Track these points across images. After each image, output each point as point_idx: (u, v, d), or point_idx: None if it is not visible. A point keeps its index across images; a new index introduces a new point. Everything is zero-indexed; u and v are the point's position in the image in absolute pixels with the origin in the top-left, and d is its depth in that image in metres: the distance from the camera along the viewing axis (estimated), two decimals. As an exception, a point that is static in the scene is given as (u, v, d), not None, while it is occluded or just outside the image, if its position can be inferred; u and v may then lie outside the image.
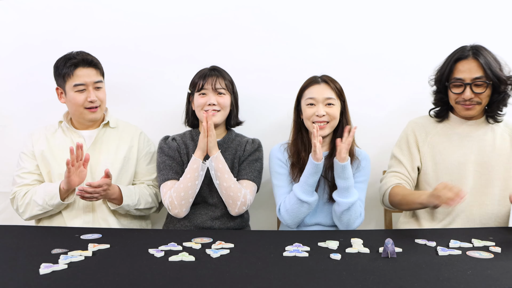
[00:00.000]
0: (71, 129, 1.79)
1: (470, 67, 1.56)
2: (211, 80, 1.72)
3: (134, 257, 1.20)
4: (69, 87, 1.71)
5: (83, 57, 1.72)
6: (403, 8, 2.02)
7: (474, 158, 1.62)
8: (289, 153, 1.70)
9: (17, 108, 2.11)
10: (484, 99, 1.58)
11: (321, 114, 1.62)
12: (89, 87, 1.72)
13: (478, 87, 1.56)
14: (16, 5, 2.11)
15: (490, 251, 1.23)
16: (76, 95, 1.71)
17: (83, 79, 1.71)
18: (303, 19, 2.04)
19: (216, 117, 1.71)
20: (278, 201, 1.65)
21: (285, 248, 1.26)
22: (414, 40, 2.01)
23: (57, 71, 1.74)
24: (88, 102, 1.72)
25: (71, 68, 1.70)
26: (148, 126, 1.96)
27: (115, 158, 1.78)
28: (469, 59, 1.57)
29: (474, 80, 1.56)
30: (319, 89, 1.66)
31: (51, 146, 1.78)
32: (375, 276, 1.05)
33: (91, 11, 2.09)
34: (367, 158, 1.71)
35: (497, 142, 1.63)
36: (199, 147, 1.63)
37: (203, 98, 1.72)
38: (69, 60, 1.71)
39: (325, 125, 1.63)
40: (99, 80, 1.76)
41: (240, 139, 1.82)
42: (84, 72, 1.71)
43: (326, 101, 1.64)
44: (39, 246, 1.31)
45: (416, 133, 1.71)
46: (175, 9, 2.07)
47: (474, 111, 1.61)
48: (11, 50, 2.12)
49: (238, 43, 2.06)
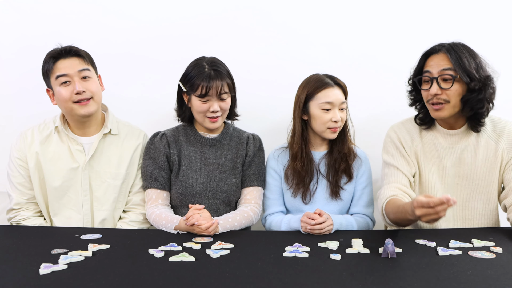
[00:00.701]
0: (69, 134, 1.65)
1: (438, 60, 1.46)
2: (215, 87, 1.58)
3: (134, 257, 1.20)
4: (53, 82, 1.57)
5: (64, 48, 1.59)
6: (403, 9, 2.02)
7: (455, 171, 1.53)
8: (290, 155, 1.71)
9: (17, 109, 2.11)
10: (453, 97, 1.44)
11: (338, 119, 1.62)
12: (73, 78, 1.56)
13: (445, 82, 1.44)
14: (16, 6, 2.11)
15: (492, 251, 1.22)
16: (61, 89, 1.56)
17: (64, 70, 1.56)
18: (302, 19, 2.04)
19: (218, 122, 1.66)
20: (266, 211, 1.72)
21: (285, 248, 1.26)
22: (413, 40, 2.00)
23: (42, 71, 1.62)
24: (75, 95, 1.56)
25: (51, 61, 1.57)
26: (148, 127, 1.95)
27: (117, 173, 1.67)
28: (440, 53, 1.46)
29: (441, 72, 1.44)
30: (336, 93, 1.63)
31: (44, 153, 1.64)
32: (375, 276, 1.05)
33: (91, 12, 2.08)
34: (366, 159, 1.72)
35: (480, 153, 1.51)
36: (182, 227, 1.47)
37: (206, 104, 1.61)
38: (49, 54, 1.59)
39: (337, 130, 1.65)
40: (85, 69, 1.59)
41: (239, 134, 1.77)
42: (67, 63, 1.57)
43: (340, 106, 1.64)
44: (39, 246, 1.31)
45: (401, 138, 1.60)
46: (175, 10, 2.07)
47: (444, 112, 1.47)
48: (11, 51, 2.12)
49: (237, 43, 2.05)
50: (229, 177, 1.69)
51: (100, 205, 1.67)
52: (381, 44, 2.03)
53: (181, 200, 1.67)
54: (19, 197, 1.66)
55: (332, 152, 1.69)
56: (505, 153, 1.51)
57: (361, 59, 2.03)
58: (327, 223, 1.44)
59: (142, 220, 1.71)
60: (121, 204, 1.71)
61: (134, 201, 1.72)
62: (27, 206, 1.67)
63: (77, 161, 1.65)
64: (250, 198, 1.69)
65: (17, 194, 1.66)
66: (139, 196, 1.72)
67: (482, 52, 1.51)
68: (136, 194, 1.73)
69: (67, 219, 1.66)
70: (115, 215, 1.70)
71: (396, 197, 1.46)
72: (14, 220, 1.66)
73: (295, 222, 1.53)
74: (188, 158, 1.69)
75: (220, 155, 1.71)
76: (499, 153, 1.51)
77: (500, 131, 1.52)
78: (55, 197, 1.65)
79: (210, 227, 1.41)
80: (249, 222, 1.62)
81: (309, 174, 1.67)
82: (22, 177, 1.66)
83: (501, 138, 1.51)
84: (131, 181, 1.72)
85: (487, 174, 1.51)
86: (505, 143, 1.51)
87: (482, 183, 1.52)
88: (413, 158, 1.57)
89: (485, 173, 1.52)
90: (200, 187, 1.66)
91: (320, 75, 1.68)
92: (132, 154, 1.71)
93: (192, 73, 1.63)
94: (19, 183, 1.66)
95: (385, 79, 2.03)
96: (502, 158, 1.51)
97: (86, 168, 1.65)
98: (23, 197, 1.66)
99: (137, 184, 1.73)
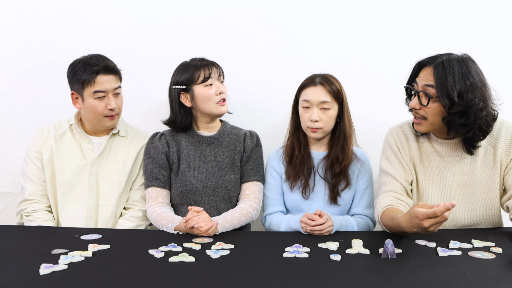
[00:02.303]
0: (83, 134, 1.75)
1: (425, 75, 1.40)
2: (215, 69, 1.67)
3: (134, 258, 1.20)
4: (88, 93, 1.65)
5: (105, 64, 1.66)
6: (403, 10, 2.02)
7: (455, 180, 1.49)
8: (284, 152, 1.72)
9: (17, 109, 2.11)
10: (429, 115, 1.39)
11: (314, 119, 1.60)
12: (109, 94, 1.67)
13: (424, 98, 1.39)
14: (16, 5, 2.11)
15: (491, 251, 1.22)
16: (95, 103, 1.66)
17: (104, 86, 1.65)
18: (302, 20, 2.04)
19: (225, 106, 1.70)
20: (266, 211, 1.73)
21: (285, 249, 1.26)
22: (413, 40, 2.00)
23: (75, 77, 1.65)
24: (108, 110, 1.67)
25: (92, 75, 1.63)
26: (147, 127, 1.96)
27: (122, 170, 1.75)
28: (430, 66, 1.39)
29: (423, 88, 1.39)
30: (315, 92, 1.62)
31: (58, 148, 1.74)
32: (375, 277, 1.05)
33: (91, 11, 2.09)
34: (367, 160, 1.72)
35: (479, 160, 1.47)
36: (181, 228, 1.47)
37: (211, 89, 1.66)
38: (90, 66, 1.63)
39: (317, 130, 1.63)
40: (119, 86, 1.71)
41: (236, 131, 1.79)
42: (105, 79, 1.65)
43: (320, 105, 1.61)
44: (39, 246, 1.31)
45: (399, 144, 1.57)
46: (174, 10, 2.07)
47: (421, 127, 1.44)
48: (11, 51, 2.12)
49: (237, 43, 2.06)
50: (228, 174, 1.70)
51: (105, 200, 1.73)
52: (381, 45, 2.03)
53: (181, 198, 1.69)
54: (34, 188, 1.72)
55: (330, 154, 1.69)
56: (504, 157, 1.47)
57: (361, 59, 2.03)
58: (327, 224, 1.44)
59: (141, 217, 1.75)
60: (123, 200, 1.78)
61: (134, 198, 1.78)
62: (40, 198, 1.73)
63: (87, 158, 1.74)
64: (249, 193, 1.70)
65: (32, 185, 1.72)
66: (138, 193, 1.78)
67: (482, 53, 1.48)
68: (136, 191, 1.78)
69: (71, 212, 1.72)
70: (117, 211, 1.75)
71: (392, 206, 1.45)
72: (25, 211, 1.70)
73: (295, 223, 1.53)
74: (187, 156, 1.71)
75: (218, 153, 1.73)
76: (498, 158, 1.48)
77: (497, 135, 1.48)
78: (63, 191, 1.72)
79: (209, 229, 1.42)
80: (249, 218, 1.63)
81: (306, 167, 1.67)
82: (38, 168, 1.73)
83: (498, 142, 1.48)
84: (134, 178, 1.78)
85: (488, 180, 1.48)
86: (503, 146, 1.47)
87: (483, 190, 1.48)
88: (410, 165, 1.55)
89: (486, 179, 1.48)
90: (199, 185, 1.67)
91: (312, 74, 1.69)
92: (137, 153, 1.79)
93: (186, 71, 1.68)
94: (34, 175, 1.73)
95: (385, 80, 2.03)
96: (501, 163, 1.48)
97: (94, 165, 1.73)
98: (37, 188, 1.73)
99: (138, 181, 1.79)
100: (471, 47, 1.95)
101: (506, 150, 1.47)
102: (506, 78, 1.97)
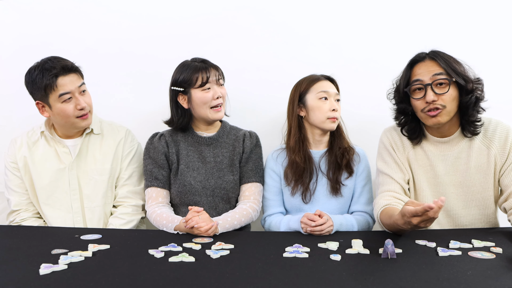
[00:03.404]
0: (56, 138, 1.71)
1: (427, 67, 1.43)
2: (214, 73, 1.66)
3: (134, 258, 1.20)
4: (54, 99, 1.58)
5: (62, 64, 1.58)
6: (401, 10, 2.02)
7: (450, 179, 1.51)
8: (287, 154, 1.71)
9: (17, 109, 2.11)
10: (449, 102, 1.41)
11: (337, 108, 1.66)
12: (75, 94, 1.60)
13: (439, 87, 1.41)
14: (16, 6, 2.11)
15: (491, 251, 1.22)
16: (64, 106, 1.59)
17: (68, 88, 1.58)
18: (302, 19, 2.04)
19: (221, 112, 1.70)
20: (265, 212, 1.73)
21: (285, 249, 1.26)
22: (413, 40, 2.00)
23: (35, 85, 1.58)
24: (78, 110, 1.61)
25: (52, 79, 1.55)
26: (147, 127, 1.96)
27: (102, 169, 1.72)
28: (426, 60, 1.45)
29: (433, 78, 1.41)
30: (330, 85, 1.69)
31: (33, 155, 1.70)
32: (375, 277, 1.05)
33: (91, 12, 2.09)
34: (364, 156, 1.74)
35: (473, 160, 1.49)
36: (181, 228, 1.48)
37: (208, 93, 1.65)
38: (47, 71, 1.55)
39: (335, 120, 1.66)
40: (82, 83, 1.64)
41: (235, 132, 1.79)
42: (67, 80, 1.58)
43: (336, 97, 1.68)
44: (39, 246, 1.31)
45: (393, 145, 1.58)
46: (174, 10, 2.07)
47: (442, 118, 1.43)
48: (11, 51, 2.12)
49: (237, 43, 2.06)
50: (227, 174, 1.70)
51: (90, 202, 1.71)
52: (380, 45, 2.03)
53: (180, 198, 1.69)
54: (18, 198, 1.72)
55: (333, 148, 1.70)
56: (498, 158, 1.48)
57: (361, 59, 2.03)
58: (327, 224, 1.44)
59: (131, 212, 1.73)
60: (110, 199, 1.75)
61: (121, 195, 1.75)
62: (26, 207, 1.73)
63: (64, 162, 1.70)
64: (249, 194, 1.70)
65: (16, 196, 1.72)
66: (125, 189, 1.76)
67: (482, 53, 1.50)
68: (123, 187, 1.76)
69: (55, 219, 1.70)
70: (106, 210, 1.74)
71: (390, 206, 1.45)
72: (15, 222, 1.71)
73: (295, 223, 1.53)
74: (186, 157, 1.71)
75: (217, 153, 1.73)
76: (492, 159, 1.48)
77: (491, 135, 1.49)
78: (43, 197, 1.70)
79: (209, 229, 1.41)
80: (249, 219, 1.63)
81: (308, 171, 1.67)
82: (18, 178, 1.73)
83: (492, 143, 1.48)
84: (116, 175, 1.76)
85: (482, 180, 1.49)
86: (497, 148, 1.48)
87: (477, 190, 1.50)
88: (406, 164, 1.56)
89: (480, 179, 1.49)
90: (198, 185, 1.67)
91: (311, 74, 1.73)
92: (115, 149, 1.75)
93: (185, 72, 1.67)
94: (16, 185, 1.73)
95: (385, 80, 2.02)
96: (496, 164, 1.48)
97: (73, 168, 1.70)
98: (21, 198, 1.73)
99: (122, 177, 1.76)
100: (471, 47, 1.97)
101: (501, 151, 1.48)
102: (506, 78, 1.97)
